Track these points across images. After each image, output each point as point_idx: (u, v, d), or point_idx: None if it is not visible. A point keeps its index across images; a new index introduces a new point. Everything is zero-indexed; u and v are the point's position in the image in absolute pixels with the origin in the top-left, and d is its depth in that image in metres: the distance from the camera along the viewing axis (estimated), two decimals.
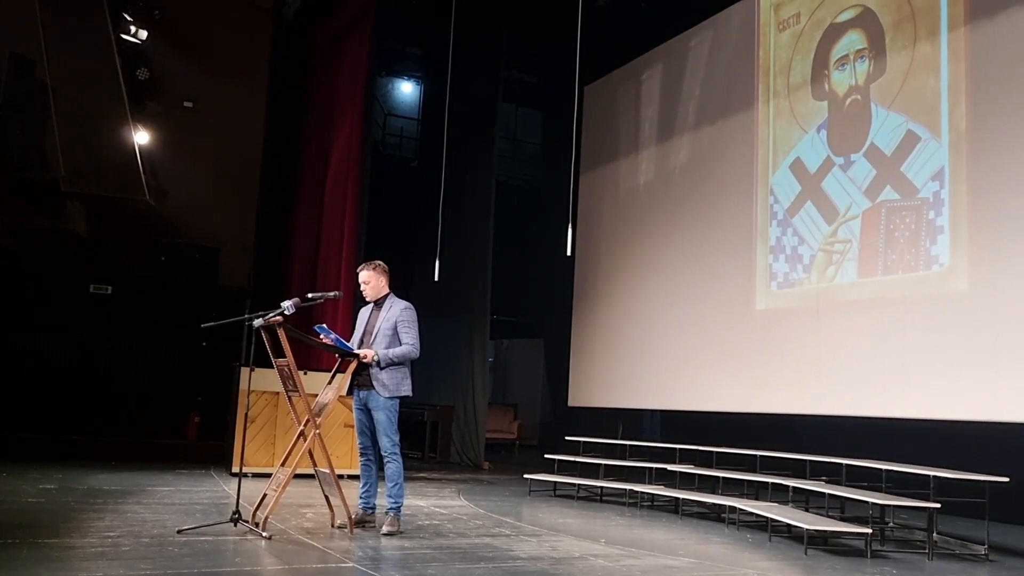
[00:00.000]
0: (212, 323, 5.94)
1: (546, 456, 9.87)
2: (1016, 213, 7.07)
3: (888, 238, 8.12)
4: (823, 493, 6.83)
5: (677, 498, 7.99)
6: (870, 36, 8.64)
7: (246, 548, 5.00)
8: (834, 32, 9.07)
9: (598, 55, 12.00)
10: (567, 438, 10.12)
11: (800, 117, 9.32)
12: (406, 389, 5.92)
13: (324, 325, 5.81)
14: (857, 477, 7.02)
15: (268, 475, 6.16)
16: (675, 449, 8.92)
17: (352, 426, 6.36)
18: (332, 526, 5.88)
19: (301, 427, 5.77)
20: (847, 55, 8.86)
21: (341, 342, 5.82)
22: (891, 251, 8.08)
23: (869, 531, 6.09)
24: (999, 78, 7.35)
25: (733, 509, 7.21)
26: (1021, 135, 7.12)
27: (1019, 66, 7.20)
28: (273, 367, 5.85)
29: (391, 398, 5.83)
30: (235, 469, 8.06)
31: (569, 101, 10.42)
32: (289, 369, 5.65)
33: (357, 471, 6.26)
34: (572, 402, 12.72)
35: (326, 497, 5.98)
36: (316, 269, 11.74)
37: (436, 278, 11.03)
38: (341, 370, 5.85)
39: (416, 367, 6.16)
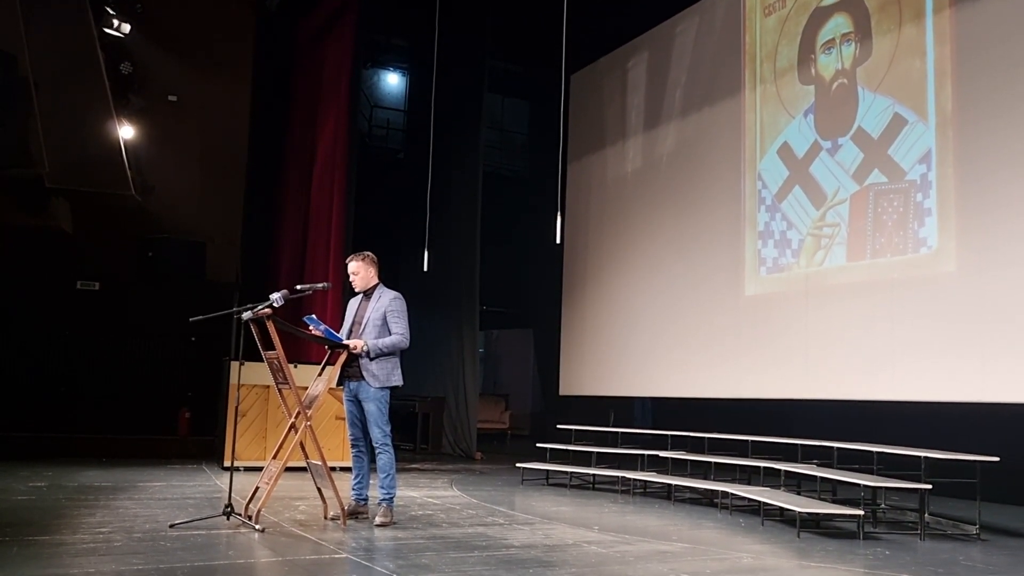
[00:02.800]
0: (200, 317, 5.91)
1: (538, 445, 9.87)
2: (1003, 194, 7.10)
3: (876, 221, 8.14)
4: (815, 476, 6.85)
5: (669, 484, 8.00)
6: (855, 19, 8.64)
7: (239, 541, 4.98)
8: (820, 16, 9.07)
9: (584, 43, 11.97)
10: (559, 427, 10.13)
11: (787, 102, 9.33)
12: (396, 379, 5.90)
13: (313, 316, 5.79)
14: (848, 460, 7.04)
15: (260, 468, 6.15)
16: (666, 436, 8.93)
17: (343, 418, 6.34)
18: (325, 518, 5.86)
19: (292, 420, 5.74)
20: (833, 39, 8.86)
21: (331, 333, 5.79)
22: (879, 234, 8.10)
23: (861, 513, 6.12)
24: (984, 60, 7.37)
25: (725, 494, 7.23)
26: (1007, 116, 7.14)
27: (1004, 48, 7.22)
28: (263, 360, 5.82)
29: (382, 389, 5.81)
30: (226, 463, 8.03)
31: (555, 90, 10.39)
32: (279, 362, 5.63)
33: (349, 463, 6.25)
34: (563, 391, 12.74)
35: (318, 489, 5.96)
36: (304, 261, 11.70)
37: (425, 268, 11.00)
38: (331, 362, 5.83)
39: (406, 359, 6.14)
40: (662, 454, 8.59)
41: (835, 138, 8.71)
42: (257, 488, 5.64)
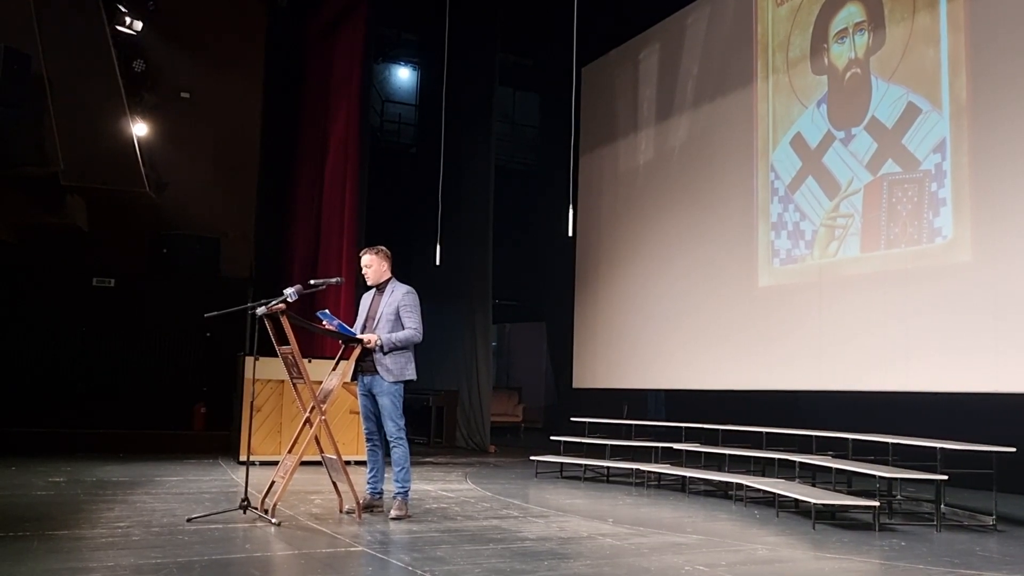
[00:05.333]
0: (215, 313, 5.94)
1: (552, 438, 9.88)
2: (1019, 183, 7.05)
3: (890, 212, 8.09)
4: (830, 468, 6.83)
5: (684, 476, 8.00)
6: (869, 8, 8.58)
7: (256, 535, 5.02)
8: (832, 5, 9.01)
9: (595, 36, 11.94)
10: (572, 419, 10.13)
11: (800, 92, 9.28)
12: (410, 373, 5.93)
13: (327, 311, 5.81)
14: (863, 451, 7.02)
15: (275, 463, 6.19)
16: (680, 428, 8.93)
17: (358, 412, 6.37)
18: (340, 511, 5.90)
19: (307, 414, 5.77)
20: (846, 28, 8.80)
21: (344, 328, 5.82)
22: (894, 224, 8.05)
23: (877, 504, 6.10)
24: (999, 48, 7.30)
25: (740, 486, 7.23)
26: (1022, 105, 7.08)
27: (1019, 35, 7.15)
28: (277, 355, 5.85)
29: (395, 383, 5.83)
30: (242, 458, 8.09)
31: (567, 83, 10.37)
32: (293, 356, 5.66)
33: (364, 457, 6.28)
34: (576, 384, 12.74)
35: (334, 483, 5.99)
36: (317, 256, 11.73)
37: (437, 263, 11.02)
38: (345, 356, 5.86)
39: (419, 353, 6.16)
40: (676, 446, 8.58)
41: (848, 128, 8.66)
42: (273, 482, 5.67)
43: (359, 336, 5.83)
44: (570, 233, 9.75)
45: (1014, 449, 6.02)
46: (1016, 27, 7.17)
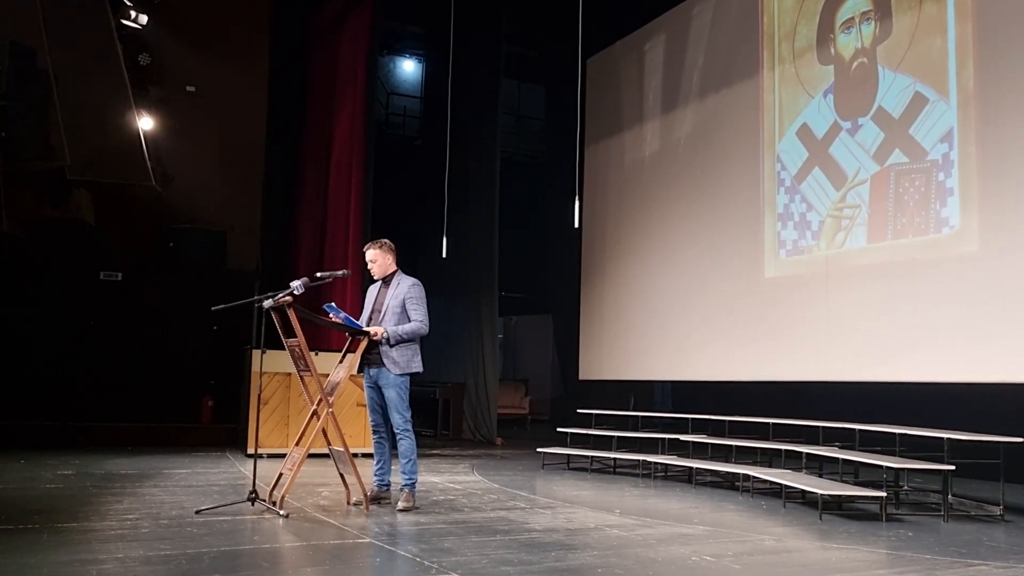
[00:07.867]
0: (222, 306, 5.96)
1: (558, 430, 9.90)
2: None
3: (897, 202, 8.07)
4: (836, 459, 6.84)
5: (690, 468, 8.01)
6: None
7: (264, 526, 5.04)
8: None
9: (600, 27, 11.89)
10: (579, 411, 10.14)
11: (806, 82, 9.24)
12: (416, 366, 5.94)
13: (333, 304, 5.83)
14: (870, 442, 7.01)
15: (283, 455, 6.21)
16: (687, 419, 8.93)
17: (364, 405, 6.39)
18: (348, 503, 5.92)
19: (314, 407, 5.79)
20: (852, 18, 8.76)
21: (350, 320, 5.83)
22: (901, 215, 8.03)
23: (884, 495, 6.10)
24: (1007, 37, 7.26)
25: (747, 477, 7.23)
26: None
27: None
28: (284, 348, 5.87)
29: (402, 375, 5.85)
30: (250, 450, 8.12)
31: (572, 74, 10.35)
32: (300, 349, 5.67)
33: (371, 449, 6.30)
34: (583, 376, 12.74)
35: (341, 475, 6.02)
36: (323, 249, 11.75)
37: (443, 255, 11.03)
38: (351, 349, 5.87)
39: (426, 345, 6.17)
40: (683, 438, 8.58)
41: (855, 118, 8.62)
42: (281, 475, 5.70)
43: (365, 329, 5.85)
44: (576, 225, 9.74)
45: (1021, 439, 6.01)
46: None
